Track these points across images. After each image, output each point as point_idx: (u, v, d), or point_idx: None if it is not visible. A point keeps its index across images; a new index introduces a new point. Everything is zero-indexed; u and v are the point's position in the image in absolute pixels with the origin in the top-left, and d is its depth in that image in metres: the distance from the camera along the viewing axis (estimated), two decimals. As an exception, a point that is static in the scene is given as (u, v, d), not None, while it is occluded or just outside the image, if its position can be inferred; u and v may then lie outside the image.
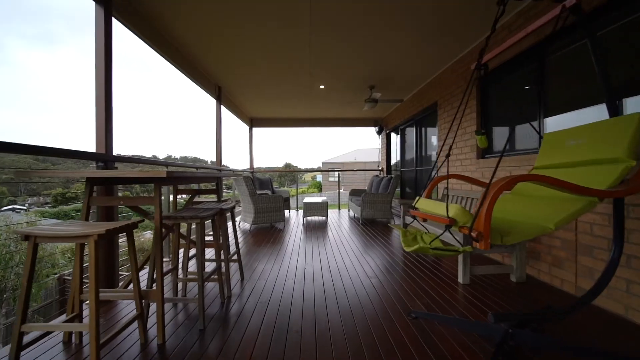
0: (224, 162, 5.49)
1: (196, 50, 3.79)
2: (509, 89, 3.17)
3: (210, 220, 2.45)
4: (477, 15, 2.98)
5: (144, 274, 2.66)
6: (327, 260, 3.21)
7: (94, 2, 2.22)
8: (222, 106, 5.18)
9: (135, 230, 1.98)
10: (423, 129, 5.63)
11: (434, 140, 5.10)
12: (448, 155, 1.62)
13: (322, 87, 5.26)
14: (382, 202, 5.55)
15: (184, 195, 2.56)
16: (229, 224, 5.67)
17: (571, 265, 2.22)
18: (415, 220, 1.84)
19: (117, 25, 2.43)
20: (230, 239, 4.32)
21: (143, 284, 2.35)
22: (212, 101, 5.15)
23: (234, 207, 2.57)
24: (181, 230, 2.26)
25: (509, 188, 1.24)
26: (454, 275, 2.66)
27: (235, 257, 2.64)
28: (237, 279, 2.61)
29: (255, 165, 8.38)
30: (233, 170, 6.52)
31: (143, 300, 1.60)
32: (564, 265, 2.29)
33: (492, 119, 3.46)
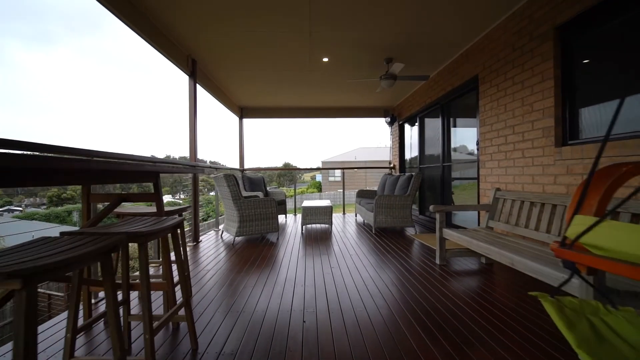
0: (217, 161, 4.35)
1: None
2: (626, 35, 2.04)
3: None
4: None
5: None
6: (336, 297, 2.10)
7: None
8: (197, 85, 4.05)
9: None
10: (452, 115, 4.51)
11: (472, 128, 3.98)
12: None
13: (325, 59, 4.13)
14: (401, 206, 4.43)
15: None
16: (204, 245, 4.61)
17: None
18: (574, 274, 0.73)
19: None
20: (208, 268, 3.21)
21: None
22: (185, 79, 4.02)
23: (178, 226, 1.45)
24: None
25: None
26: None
27: (183, 311, 1.54)
28: (185, 352, 1.49)
29: (252, 165, 7.27)
30: (214, 167, 5.37)
31: None
32: None
33: (583, 91, 2.34)
